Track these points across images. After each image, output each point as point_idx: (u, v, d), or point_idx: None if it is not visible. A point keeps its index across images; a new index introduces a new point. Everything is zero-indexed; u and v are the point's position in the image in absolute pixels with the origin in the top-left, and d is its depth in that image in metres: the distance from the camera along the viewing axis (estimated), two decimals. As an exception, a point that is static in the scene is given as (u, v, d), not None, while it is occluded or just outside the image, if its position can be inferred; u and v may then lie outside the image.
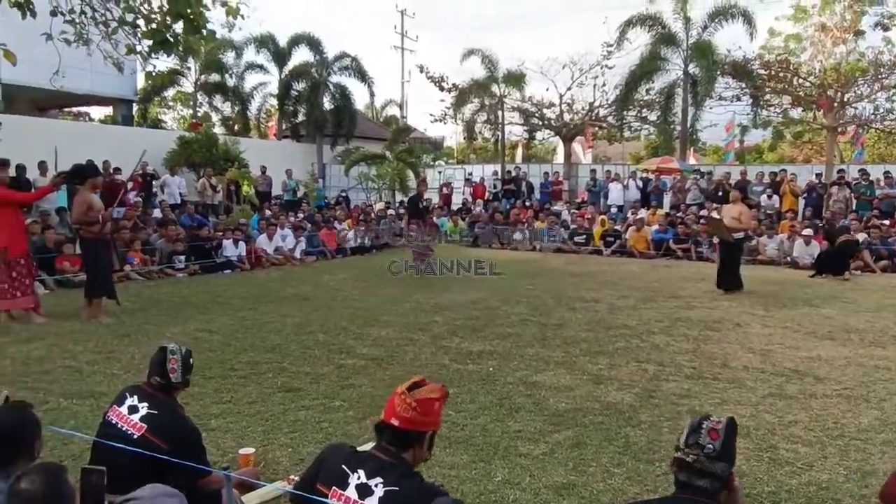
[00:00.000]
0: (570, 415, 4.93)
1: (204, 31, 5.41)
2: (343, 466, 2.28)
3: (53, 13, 6.03)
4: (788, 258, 14.27)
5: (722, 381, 5.83)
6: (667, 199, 19.35)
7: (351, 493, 2.21)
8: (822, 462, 4.15)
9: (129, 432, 2.98)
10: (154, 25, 5.74)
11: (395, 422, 2.28)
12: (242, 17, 6.06)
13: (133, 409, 3.05)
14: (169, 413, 3.09)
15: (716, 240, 11.84)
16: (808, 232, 14.28)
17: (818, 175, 18.35)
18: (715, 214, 11.65)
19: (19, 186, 13.80)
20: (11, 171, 13.59)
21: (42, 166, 14.29)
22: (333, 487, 2.26)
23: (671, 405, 5.17)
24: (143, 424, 3.00)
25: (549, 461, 4.11)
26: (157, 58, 6.78)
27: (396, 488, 2.18)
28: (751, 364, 6.38)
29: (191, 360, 3.29)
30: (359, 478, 2.23)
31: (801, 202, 17.33)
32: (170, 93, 29.72)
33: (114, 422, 3.05)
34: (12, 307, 7.99)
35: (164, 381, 3.15)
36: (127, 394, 3.16)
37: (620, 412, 5.00)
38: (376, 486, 2.19)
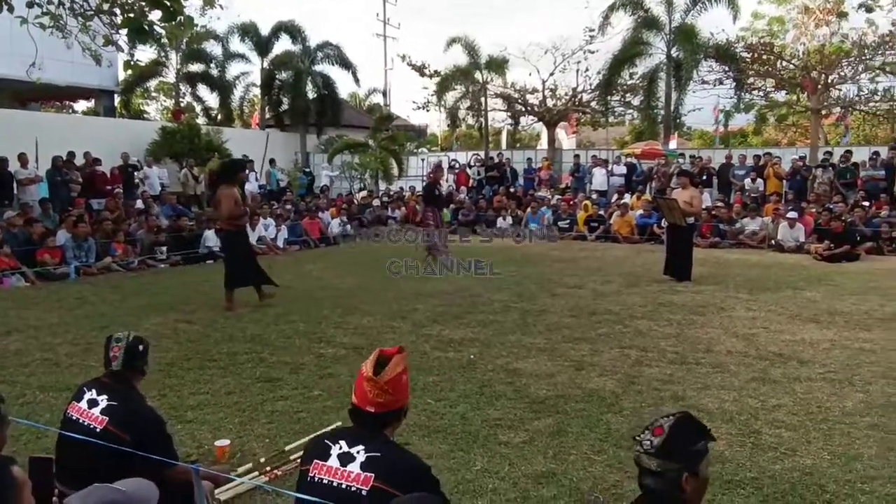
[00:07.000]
0: (551, 402, 4.88)
1: (181, 19, 5.27)
2: (325, 441, 2.31)
3: (30, 4, 5.91)
4: (773, 241, 14.34)
5: (705, 365, 5.80)
6: (651, 184, 19.30)
7: (332, 462, 2.23)
8: (805, 447, 4.11)
9: (92, 426, 2.89)
10: (131, 14, 5.62)
11: (370, 409, 2.28)
12: (221, 6, 5.94)
13: (93, 403, 2.96)
14: (129, 404, 3.00)
15: (664, 223, 11.67)
16: (792, 215, 14.33)
17: (802, 158, 18.34)
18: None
19: (1, 180, 13.66)
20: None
21: (22, 158, 14.09)
22: (315, 461, 2.27)
23: (654, 391, 5.14)
24: (104, 417, 2.91)
25: (528, 449, 4.06)
26: (136, 48, 6.66)
27: (378, 454, 2.21)
28: (734, 348, 6.36)
29: (140, 346, 3.11)
30: (340, 448, 2.25)
31: (786, 185, 17.36)
32: (152, 84, 29.37)
33: (74, 418, 2.97)
34: None
35: (114, 370, 3.06)
36: (85, 388, 3.06)
37: (602, 399, 4.95)
38: (357, 452, 2.22)
